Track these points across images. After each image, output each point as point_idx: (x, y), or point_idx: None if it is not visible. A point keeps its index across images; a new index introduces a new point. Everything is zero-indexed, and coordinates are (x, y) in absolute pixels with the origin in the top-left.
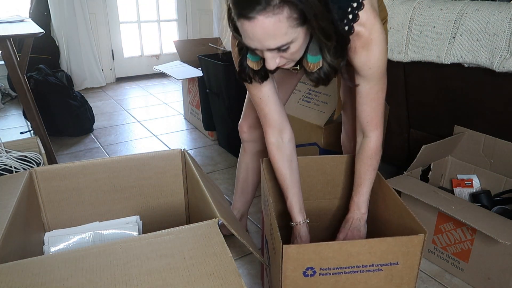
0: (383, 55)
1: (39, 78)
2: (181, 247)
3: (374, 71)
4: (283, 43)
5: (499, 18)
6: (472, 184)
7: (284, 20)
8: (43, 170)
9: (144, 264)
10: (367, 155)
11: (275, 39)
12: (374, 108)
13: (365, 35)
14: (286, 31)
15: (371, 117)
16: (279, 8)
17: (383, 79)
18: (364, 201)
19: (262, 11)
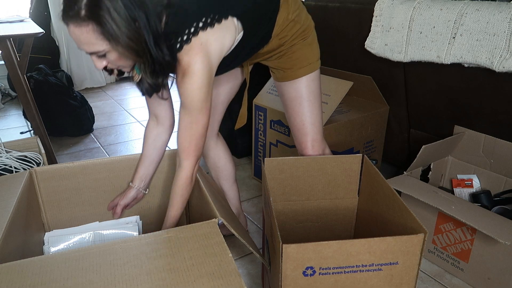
0: (199, 90)
1: (39, 78)
2: (181, 247)
3: (189, 101)
4: (95, 51)
5: (499, 18)
6: (472, 184)
7: (90, 32)
8: (43, 170)
9: (144, 264)
10: (178, 184)
11: (87, 45)
12: (187, 137)
13: (184, 66)
14: (95, 42)
15: (184, 146)
16: (85, 22)
17: (198, 112)
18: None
19: (72, 21)
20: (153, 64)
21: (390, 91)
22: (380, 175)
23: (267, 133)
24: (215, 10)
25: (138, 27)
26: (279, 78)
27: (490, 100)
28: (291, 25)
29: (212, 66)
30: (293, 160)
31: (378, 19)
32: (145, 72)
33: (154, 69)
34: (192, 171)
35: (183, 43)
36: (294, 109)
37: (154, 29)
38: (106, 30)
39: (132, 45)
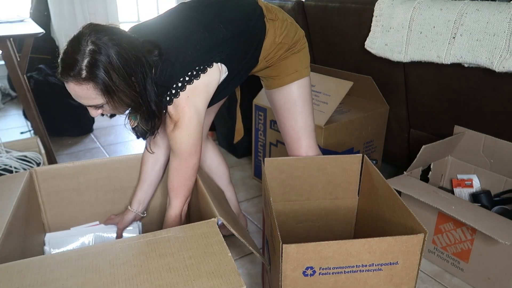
0: (189, 138)
1: (39, 78)
2: (180, 247)
3: (177, 148)
4: (94, 104)
5: (499, 18)
6: (472, 184)
7: (91, 89)
8: (43, 170)
9: (144, 263)
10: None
11: (86, 100)
12: (176, 177)
13: (173, 117)
14: (95, 97)
15: (173, 185)
16: (86, 81)
17: (187, 157)
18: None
19: (72, 80)
20: (146, 114)
21: (390, 91)
22: (380, 175)
23: (267, 133)
24: (200, 61)
25: (134, 82)
26: (268, 86)
27: (490, 100)
28: (278, 47)
29: (200, 113)
30: (293, 160)
31: (378, 19)
32: (141, 120)
33: (149, 116)
34: (180, 210)
35: (172, 96)
36: (284, 116)
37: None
38: (105, 88)
39: (127, 99)
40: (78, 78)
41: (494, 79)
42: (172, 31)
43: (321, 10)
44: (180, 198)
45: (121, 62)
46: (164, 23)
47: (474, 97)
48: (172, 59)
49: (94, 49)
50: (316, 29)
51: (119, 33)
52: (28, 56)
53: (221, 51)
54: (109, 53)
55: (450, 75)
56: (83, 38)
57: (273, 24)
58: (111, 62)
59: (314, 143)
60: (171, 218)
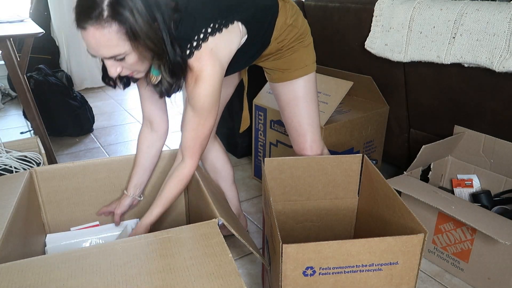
0: (209, 95)
1: (39, 78)
2: (181, 247)
3: (198, 105)
4: (116, 54)
5: (499, 18)
6: (472, 184)
7: (113, 33)
8: (43, 170)
9: (144, 264)
10: (179, 178)
11: (108, 49)
12: (193, 138)
13: (195, 71)
14: (117, 43)
15: (189, 145)
16: (108, 23)
17: (206, 115)
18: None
19: (93, 23)
20: (170, 64)
21: (390, 91)
22: (380, 175)
23: (267, 133)
24: (221, 16)
25: (157, 27)
26: (275, 79)
27: (490, 100)
28: (289, 29)
29: (223, 70)
30: (293, 160)
31: (378, 19)
32: (165, 71)
33: (173, 69)
34: (194, 170)
35: (193, 49)
36: (291, 110)
37: (170, 30)
38: (129, 29)
39: (152, 45)
40: (100, 19)
41: (494, 79)
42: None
43: (321, 10)
44: (195, 158)
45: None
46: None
47: (474, 97)
48: (193, 11)
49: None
50: (316, 29)
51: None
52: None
53: (241, 11)
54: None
55: (450, 75)
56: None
57: (284, 5)
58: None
59: (319, 137)
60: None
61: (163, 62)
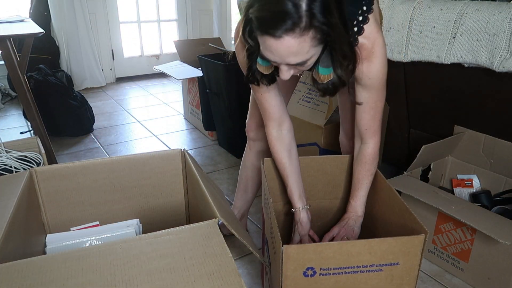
0: (383, 67)
1: (39, 78)
2: (181, 247)
3: (374, 82)
4: (303, 60)
5: (499, 18)
6: (472, 184)
7: (308, 41)
8: (43, 170)
9: (144, 264)
10: (365, 160)
11: (297, 56)
12: (373, 116)
13: (368, 48)
14: (308, 50)
15: (369, 125)
16: (306, 30)
17: (382, 90)
18: (361, 204)
19: (289, 32)
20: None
21: (390, 91)
22: (380, 175)
23: None
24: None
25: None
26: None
27: (490, 100)
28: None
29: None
30: None
31: None
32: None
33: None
34: (378, 147)
35: (360, 23)
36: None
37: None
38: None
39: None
40: (296, 29)
41: (494, 79)
42: None
43: None
44: (378, 135)
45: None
46: None
47: (474, 97)
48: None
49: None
50: None
51: None
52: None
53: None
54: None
55: (450, 75)
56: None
57: None
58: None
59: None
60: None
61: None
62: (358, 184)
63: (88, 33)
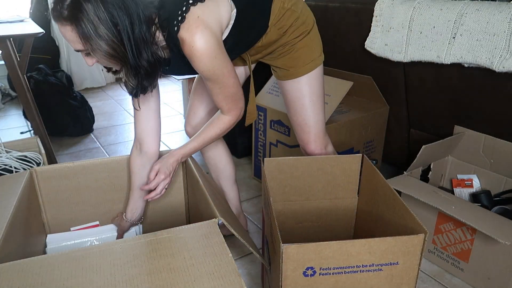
0: (215, 60)
1: (39, 78)
2: (181, 247)
3: (207, 75)
4: (81, 49)
5: (499, 18)
6: (472, 184)
7: (72, 32)
8: (43, 170)
9: (144, 264)
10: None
11: (72, 43)
12: (224, 99)
13: (189, 44)
14: (77, 41)
15: (222, 105)
16: (67, 22)
17: (222, 79)
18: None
19: (57, 20)
20: (136, 68)
21: (390, 91)
22: (380, 175)
23: (267, 133)
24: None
25: (118, 31)
26: (282, 77)
27: (490, 100)
28: (287, 14)
29: (216, 35)
30: (293, 160)
31: (378, 19)
32: (126, 74)
33: (138, 72)
34: (234, 121)
35: (178, 23)
36: (296, 109)
37: (137, 33)
38: (83, 32)
39: (110, 50)
40: (60, 18)
41: (494, 79)
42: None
43: (321, 10)
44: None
45: (105, 7)
46: None
47: (474, 97)
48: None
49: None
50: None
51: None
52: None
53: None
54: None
55: (450, 75)
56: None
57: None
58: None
59: (324, 133)
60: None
61: (125, 65)
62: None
63: None
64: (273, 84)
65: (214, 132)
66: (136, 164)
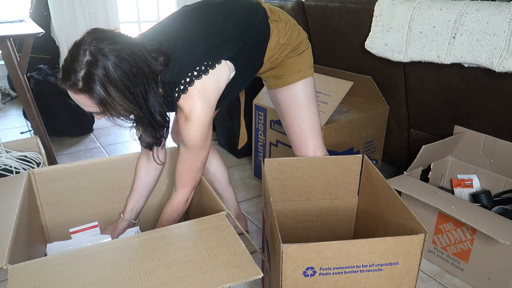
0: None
1: (39, 78)
2: (194, 240)
3: (190, 142)
4: (95, 112)
5: (499, 18)
6: (472, 184)
7: (87, 99)
8: (41, 171)
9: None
10: (172, 207)
11: (85, 107)
12: (185, 170)
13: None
14: (93, 106)
15: (181, 176)
16: (82, 92)
17: (198, 151)
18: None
19: (69, 88)
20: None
21: (390, 91)
22: (380, 175)
23: (267, 133)
24: (208, 57)
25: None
26: (272, 86)
27: (490, 100)
28: (282, 48)
29: (212, 108)
30: (293, 160)
31: (378, 19)
32: (143, 132)
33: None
34: (186, 198)
35: (180, 92)
36: (290, 115)
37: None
38: (99, 101)
39: (124, 112)
40: (75, 88)
41: (494, 79)
42: (179, 30)
43: (321, 10)
44: (187, 188)
45: (119, 74)
46: (169, 25)
47: (474, 97)
48: (179, 55)
49: (92, 61)
50: (316, 29)
51: (122, 42)
52: (28, 56)
53: (228, 49)
54: (106, 65)
55: (450, 75)
56: (82, 47)
57: (276, 25)
58: (108, 74)
59: (321, 142)
60: (175, 204)
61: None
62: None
63: None
64: None
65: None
66: (142, 169)
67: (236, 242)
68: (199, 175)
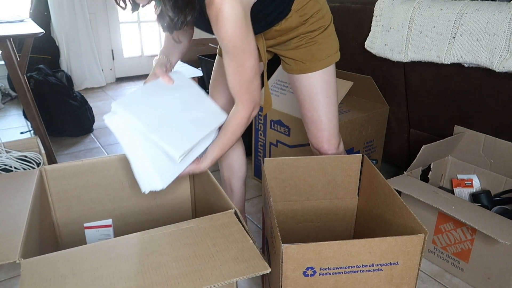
0: (238, 30)
1: (39, 78)
2: (203, 236)
3: (227, 45)
4: None
5: (499, 18)
6: (472, 184)
7: None
8: (53, 168)
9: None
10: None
11: None
12: (238, 82)
13: (216, 7)
14: None
15: (236, 89)
16: None
17: (242, 56)
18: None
19: None
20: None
21: (390, 91)
22: (380, 175)
23: (267, 133)
24: None
25: None
26: (296, 70)
27: (490, 100)
28: (311, 3)
29: (244, 5)
30: (293, 160)
31: (378, 19)
32: (164, 4)
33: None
34: (247, 114)
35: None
36: (311, 104)
37: None
38: None
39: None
40: None
41: (494, 79)
42: None
43: None
44: (245, 103)
45: None
46: None
47: (474, 97)
48: None
49: None
50: None
51: None
52: (28, 56)
53: None
54: None
55: (450, 75)
56: None
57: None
58: None
59: (337, 132)
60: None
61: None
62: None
63: (88, 33)
64: (274, 83)
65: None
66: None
67: (244, 239)
68: (254, 87)
